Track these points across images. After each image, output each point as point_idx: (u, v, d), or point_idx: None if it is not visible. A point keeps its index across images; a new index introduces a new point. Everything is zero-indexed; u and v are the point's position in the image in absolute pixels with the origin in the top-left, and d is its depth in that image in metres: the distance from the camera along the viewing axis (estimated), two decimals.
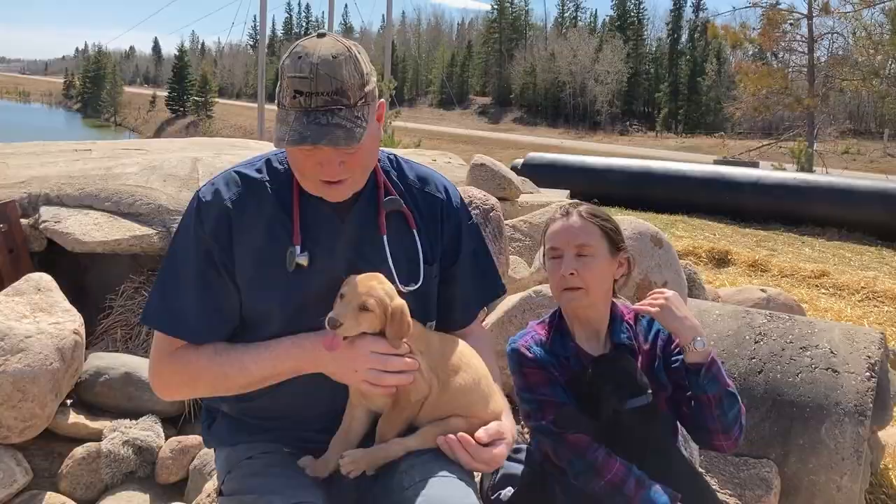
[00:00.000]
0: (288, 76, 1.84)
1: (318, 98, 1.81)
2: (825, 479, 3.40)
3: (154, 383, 2.08)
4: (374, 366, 1.89)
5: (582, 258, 2.30)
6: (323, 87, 1.80)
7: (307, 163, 1.90)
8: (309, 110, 1.81)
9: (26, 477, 3.13)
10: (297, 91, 1.82)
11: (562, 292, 2.33)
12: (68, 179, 4.47)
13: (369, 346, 1.90)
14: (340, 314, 1.85)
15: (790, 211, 14.84)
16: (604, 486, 2.19)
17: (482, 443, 1.98)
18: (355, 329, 1.88)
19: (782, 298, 5.53)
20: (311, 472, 1.99)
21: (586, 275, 2.29)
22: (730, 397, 2.26)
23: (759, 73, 28.25)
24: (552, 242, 2.36)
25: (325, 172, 1.90)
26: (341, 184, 1.94)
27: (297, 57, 1.83)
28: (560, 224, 2.36)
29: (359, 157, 1.92)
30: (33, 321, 3.20)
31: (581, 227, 2.33)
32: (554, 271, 2.34)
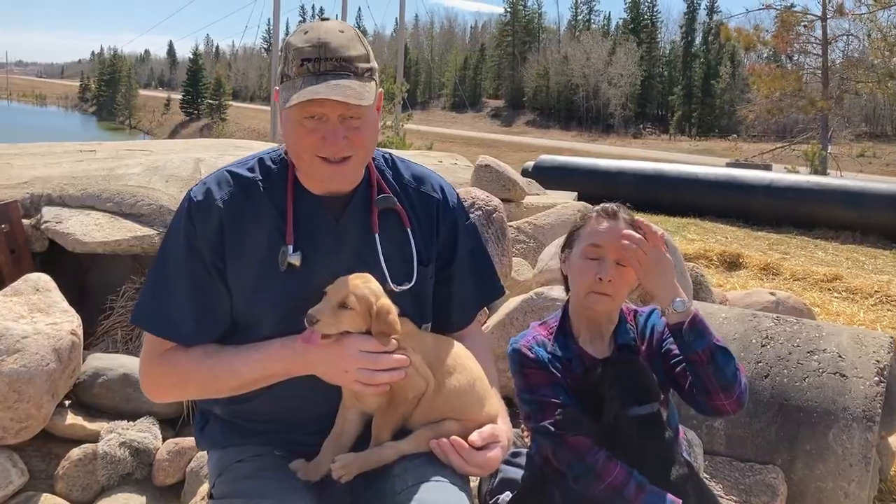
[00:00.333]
0: (295, 48, 1.86)
1: (326, 63, 1.84)
2: (833, 485, 3.35)
3: (144, 385, 2.06)
4: (365, 365, 1.86)
5: (620, 267, 2.26)
6: (331, 54, 1.84)
7: (310, 139, 1.89)
8: (318, 73, 1.83)
9: (22, 478, 3.11)
10: (304, 59, 1.84)
11: (588, 295, 2.29)
12: (71, 180, 4.47)
13: (358, 346, 1.87)
14: (319, 310, 1.83)
15: (803, 214, 14.74)
16: (604, 490, 2.15)
17: (476, 446, 1.95)
18: (334, 327, 1.85)
19: (791, 302, 5.45)
20: (302, 476, 1.96)
21: (619, 284, 2.27)
22: (722, 351, 2.17)
23: (772, 76, 28.05)
24: (596, 240, 2.29)
25: (329, 147, 1.88)
26: (345, 163, 1.92)
27: (304, 32, 1.88)
28: (607, 225, 2.30)
29: (362, 135, 1.91)
30: (30, 321, 3.18)
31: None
32: (587, 271, 2.28)
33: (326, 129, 1.87)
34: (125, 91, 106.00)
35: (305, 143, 1.90)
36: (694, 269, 5.06)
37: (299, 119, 1.88)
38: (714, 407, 2.21)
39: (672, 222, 14.49)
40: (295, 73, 1.86)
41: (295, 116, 1.88)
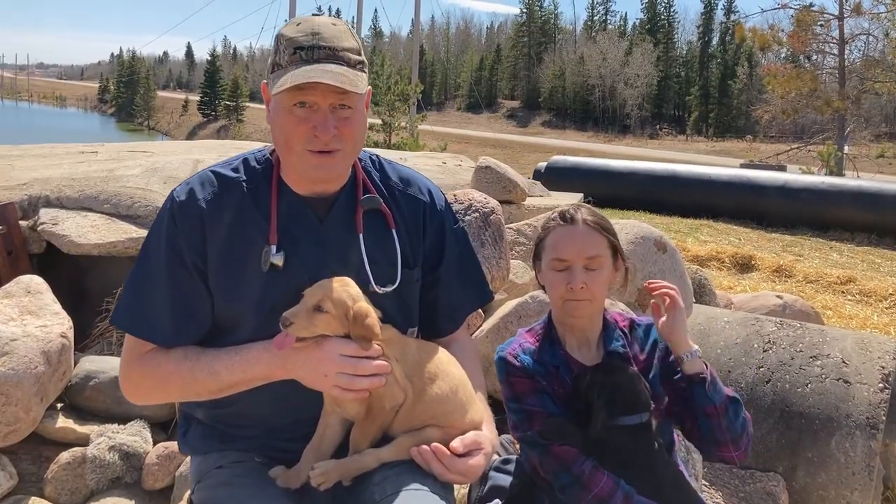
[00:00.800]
0: (287, 38, 1.86)
1: (319, 51, 1.84)
2: (835, 494, 3.29)
3: (123, 387, 2.04)
4: (344, 370, 1.82)
5: (590, 271, 2.21)
6: (325, 42, 1.85)
7: (300, 129, 1.87)
8: (312, 60, 1.83)
9: (11, 481, 3.10)
10: (297, 48, 1.84)
11: (565, 303, 2.24)
12: (70, 181, 4.46)
13: (338, 350, 1.83)
14: (293, 313, 1.80)
15: (818, 215, 14.59)
16: (590, 501, 2.11)
17: (457, 453, 1.91)
18: (308, 330, 1.82)
19: (799, 305, 5.36)
20: (282, 483, 1.93)
21: (594, 287, 2.22)
22: (734, 404, 2.19)
23: (787, 76, 27.78)
24: (558, 254, 2.23)
25: (319, 138, 1.86)
26: (333, 155, 1.90)
27: (296, 24, 1.89)
28: (565, 232, 2.25)
29: (352, 127, 1.90)
30: (20, 324, 3.17)
31: (589, 238, 2.23)
32: (558, 283, 2.23)
33: (317, 118, 1.85)
34: (144, 92, 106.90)
35: (296, 134, 1.87)
36: (697, 273, 4.99)
37: (289, 107, 1.85)
38: (722, 457, 2.22)
39: (685, 223, 14.39)
40: (287, 62, 1.84)
41: (285, 104, 1.85)
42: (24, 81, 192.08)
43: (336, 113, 1.86)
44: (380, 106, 24.51)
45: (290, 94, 1.83)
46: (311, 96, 1.83)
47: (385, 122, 24.26)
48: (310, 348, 1.84)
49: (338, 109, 1.87)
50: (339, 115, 1.87)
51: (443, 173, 5.84)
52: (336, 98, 1.85)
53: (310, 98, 1.84)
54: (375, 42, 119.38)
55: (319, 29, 1.85)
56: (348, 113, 1.88)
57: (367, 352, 1.85)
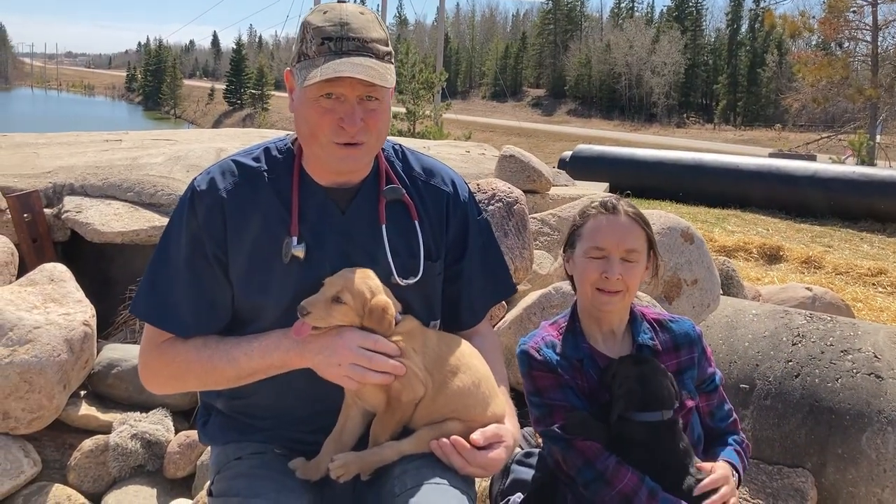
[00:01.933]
0: (315, 26, 1.83)
1: (349, 43, 1.81)
2: (865, 491, 3.23)
3: (142, 375, 2.04)
4: (359, 361, 1.80)
5: (627, 263, 2.18)
6: (353, 34, 1.82)
7: (326, 119, 1.84)
8: (340, 52, 1.80)
9: (34, 468, 3.12)
10: (325, 38, 1.81)
11: (596, 293, 2.21)
12: (94, 170, 4.48)
13: (357, 341, 1.82)
14: (312, 302, 1.80)
15: (849, 206, 14.35)
16: (614, 497, 2.08)
17: (478, 446, 1.88)
18: (325, 319, 1.81)
19: (829, 298, 5.26)
20: (301, 475, 1.92)
21: (629, 280, 2.19)
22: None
23: (818, 64, 27.32)
24: (597, 241, 2.20)
25: (345, 129, 1.84)
26: (358, 147, 1.87)
27: (323, 12, 1.85)
28: (606, 222, 2.21)
29: (377, 118, 1.87)
30: (43, 312, 3.18)
31: (630, 230, 2.21)
32: (592, 270, 2.20)
33: (344, 109, 1.82)
34: (170, 81, 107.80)
35: (321, 124, 1.84)
36: (725, 264, 4.91)
37: (315, 98, 1.82)
38: None
39: (712, 213, 14.23)
40: (315, 52, 1.81)
41: (311, 95, 1.82)
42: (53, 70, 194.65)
43: (363, 104, 1.84)
44: (404, 94, 24.47)
45: (318, 85, 1.80)
46: (340, 88, 1.80)
47: (409, 111, 24.22)
48: (329, 336, 1.83)
49: (364, 101, 1.84)
50: (365, 107, 1.84)
51: (466, 162, 5.79)
52: (364, 90, 1.82)
53: (338, 90, 1.81)
54: (400, 30, 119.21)
55: (348, 19, 1.82)
56: (375, 105, 1.85)
57: (386, 349, 1.83)
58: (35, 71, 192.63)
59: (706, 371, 2.32)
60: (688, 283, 3.68)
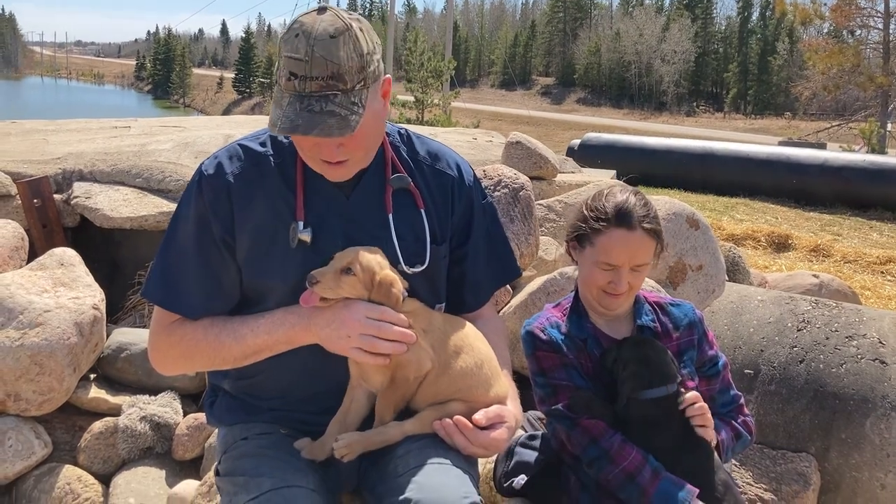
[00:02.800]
0: (284, 55, 1.76)
1: (312, 83, 1.73)
2: (868, 476, 3.24)
3: (152, 357, 2.07)
4: (368, 331, 1.82)
5: (635, 272, 2.20)
6: (318, 71, 1.72)
7: (304, 144, 1.86)
8: (303, 95, 1.74)
9: (45, 449, 3.16)
10: (291, 73, 1.74)
11: (602, 293, 2.22)
12: (103, 156, 4.52)
13: (365, 312, 1.84)
14: (321, 273, 1.82)
15: (859, 194, 14.31)
16: (618, 475, 2.11)
17: (480, 426, 1.91)
18: (334, 290, 1.83)
19: (836, 285, 5.25)
20: (306, 455, 1.94)
21: (636, 283, 2.22)
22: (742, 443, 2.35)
23: (829, 51, 27.10)
24: (610, 259, 2.17)
25: (324, 154, 1.84)
26: (342, 165, 1.88)
27: (294, 35, 1.75)
28: (621, 239, 2.17)
29: (358, 140, 1.84)
30: (53, 295, 3.22)
31: (643, 246, 2.18)
32: (600, 278, 2.21)
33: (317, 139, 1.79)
34: (179, 70, 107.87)
35: (301, 147, 1.88)
36: (731, 251, 4.91)
37: None
38: None
39: (721, 202, 14.20)
40: (284, 86, 1.76)
41: None
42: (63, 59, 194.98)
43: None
44: (413, 83, 24.41)
45: None
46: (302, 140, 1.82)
47: (418, 99, 24.17)
48: (336, 309, 1.85)
49: None
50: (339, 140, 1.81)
51: (473, 149, 5.80)
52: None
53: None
54: (409, 19, 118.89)
55: (316, 48, 1.72)
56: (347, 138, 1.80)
57: (394, 319, 1.84)
58: (45, 60, 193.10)
59: (706, 353, 2.34)
60: (693, 268, 3.69)
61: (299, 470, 1.88)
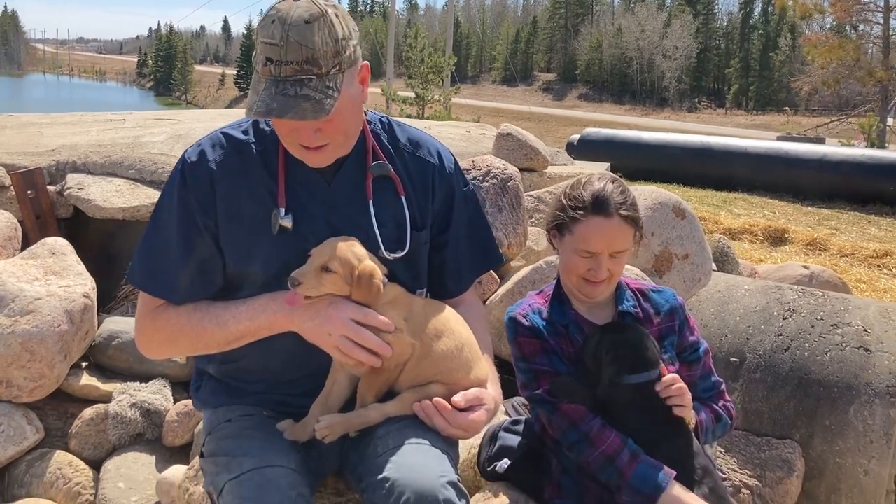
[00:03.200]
0: (261, 41, 1.80)
1: (287, 67, 1.76)
2: (852, 462, 3.26)
3: (138, 341, 2.11)
4: (348, 334, 1.85)
5: (614, 259, 2.21)
6: (293, 55, 1.76)
7: (282, 129, 1.89)
8: (279, 79, 1.77)
9: (37, 435, 3.20)
10: (267, 58, 1.78)
11: (582, 281, 2.24)
12: (97, 148, 4.55)
13: (350, 314, 1.87)
14: (302, 273, 1.84)
15: (857, 189, 14.27)
16: (597, 458, 2.13)
17: (459, 408, 1.94)
18: (316, 290, 1.86)
19: (826, 276, 5.27)
20: (289, 436, 1.97)
21: (615, 270, 2.23)
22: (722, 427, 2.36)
23: (828, 46, 27.03)
24: (588, 246, 2.19)
25: (302, 139, 1.87)
26: (322, 150, 1.91)
27: (270, 21, 1.78)
28: (598, 227, 2.18)
29: (336, 124, 1.87)
30: (44, 284, 3.26)
31: (620, 233, 2.19)
32: (579, 266, 2.22)
33: (294, 123, 1.83)
34: (181, 66, 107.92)
35: (280, 132, 1.91)
36: (720, 241, 4.93)
37: None
38: None
39: (719, 197, 14.19)
40: (260, 71, 1.79)
41: None
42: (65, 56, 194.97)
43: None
44: (413, 79, 24.39)
45: None
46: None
47: (418, 96, 24.15)
48: (321, 304, 1.88)
49: None
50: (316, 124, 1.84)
51: (466, 141, 5.83)
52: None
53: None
54: (410, 15, 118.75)
55: (291, 33, 1.75)
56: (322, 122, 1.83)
57: (377, 323, 1.87)
58: (47, 56, 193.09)
59: (687, 339, 2.36)
60: (679, 257, 3.72)
61: (281, 450, 1.90)
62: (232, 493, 1.78)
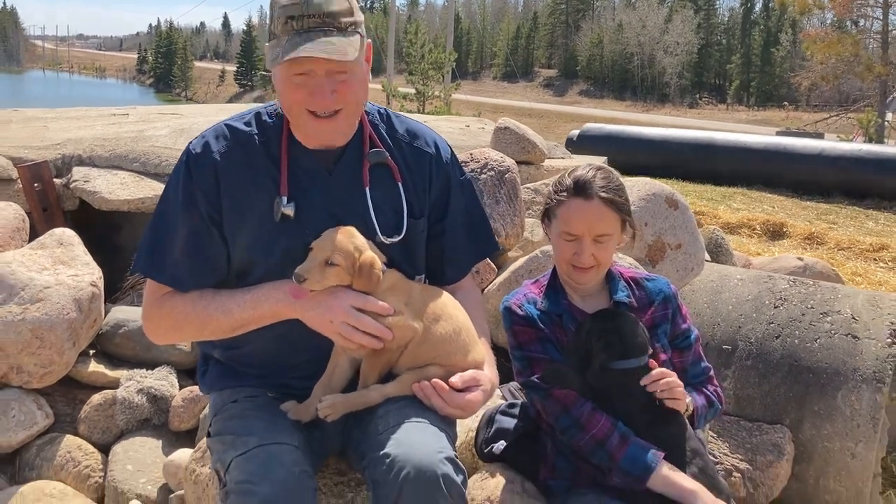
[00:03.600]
0: (280, 5, 1.92)
1: (309, 20, 1.89)
2: (839, 445, 3.33)
3: (146, 328, 2.18)
4: (349, 321, 1.93)
5: (599, 243, 2.27)
6: (314, 10, 1.88)
7: (298, 94, 1.96)
8: (301, 31, 1.89)
9: (47, 420, 3.29)
10: (289, 17, 1.89)
11: (571, 268, 2.30)
12: (101, 142, 4.64)
13: (350, 301, 1.95)
14: (306, 269, 1.92)
15: (855, 184, 14.31)
16: (588, 441, 2.19)
17: (456, 388, 2.01)
18: (321, 283, 1.94)
19: (819, 267, 5.34)
20: (292, 416, 2.05)
21: (601, 256, 2.28)
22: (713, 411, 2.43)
23: (827, 41, 27.00)
24: (569, 227, 2.26)
25: (317, 102, 1.95)
26: (334, 118, 1.98)
27: None
28: (578, 207, 2.25)
29: (350, 87, 1.97)
30: (53, 273, 3.34)
31: (601, 216, 2.25)
32: (565, 250, 2.29)
33: (314, 84, 1.93)
34: (181, 63, 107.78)
35: (294, 98, 1.97)
36: (714, 233, 5.01)
37: (288, 76, 1.95)
38: None
39: (718, 191, 14.23)
40: (280, 31, 1.91)
41: (283, 74, 1.95)
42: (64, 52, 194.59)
43: (332, 78, 1.94)
44: (413, 75, 24.41)
45: (287, 65, 1.91)
46: (306, 65, 1.92)
47: (419, 91, 24.18)
48: (323, 294, 1.96)
49: (334, 74, 1.94)
50: (335, 80, 1.94)
51: (465, 135, 5.90)
52: (331, 66, 1.92)
53: (305, 68, 1.92)
54: (411, 11, 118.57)
55: None
56: (344, 77, 1.95)
57: (377, 309, 1.95)
58: (47, 53, 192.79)
59: (680, 327, 2.42)
60: (672, 247, 3.80)
61: (285, 429, 1.98)
62: (238, 469, 1.85)
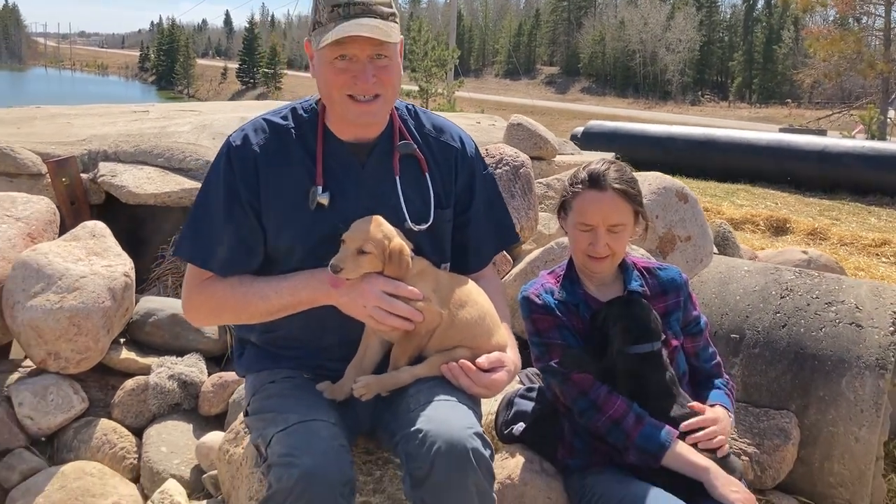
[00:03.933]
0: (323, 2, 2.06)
1: (355, 7, 2.03)
2: (844, 430, 3.43)
3: (185, 310, 2.31)
4: (381, 305, 2.06)
5: (613, 233, 2.38)
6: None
7: (340, 78, 2.09)
8: (349, 15, 2.03)
9: (83, 404, 3.42)
10: (334, 5, 2.04)
11: (586, 258, 2.42)
12: (126, 138, 4.76)
13: (381, 286, 2.07)
14: (341, 259, 2.04)
15: (858, 180, 14.38)
16: (605, 422, 2.31)
17: (482, 369, 2.13)
18: (356, 272, 2.06)
19: (823, 260, 5.46)
20: (328, 395, 2.18)
21: (615, 246, 2.40)
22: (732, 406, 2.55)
23: (830, 38, 27.03)
24: (584, 218, 2.39)
25: (360, 85, 2.08)
26: (374, 102, 2.11)
27: None
28: (592, 199, 2.38)
29: (389, 73, 2.11)
30: (87, 263, 3.47)
31: (615, 207, 2.37)
32: (581, 241, 2.42)
33: (356, 68, 2.07)
34: (183, 60, 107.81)
35: (337, 83, 2.10)
36: (721, 226, 5.12)
37: (330, 60, 2.08)
38: None
39: (721, 188, 14.32)
40: (327, 19, 2.06)
41: (327, 57, 2.08)
42: (66, 50, 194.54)
43: (373, 62, 2.08)
44: (416, 72, 24.48)
45: (331, 49, 2.05)
46: (351, 48, 2.05)
47: (422, 89, 24.27)
48: (355, 280, 2.08)
49: (375, 59, 2.08)
50: (377, 65, 2.09)
51: (477, 132, 6.03)
52: (373, 49, 2.06)
53: (349, 51, 2.06)
54: (413, 8, 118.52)
55: None
56: (385, 62, 2.10)
57: (407, 293, 2.07)
58: (49, 50, 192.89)
59: (691, 314, 2.54)
60: (681, 239, 3.92)
61: (322, 407, 2.10)
62: (280, 443, 1.96)
